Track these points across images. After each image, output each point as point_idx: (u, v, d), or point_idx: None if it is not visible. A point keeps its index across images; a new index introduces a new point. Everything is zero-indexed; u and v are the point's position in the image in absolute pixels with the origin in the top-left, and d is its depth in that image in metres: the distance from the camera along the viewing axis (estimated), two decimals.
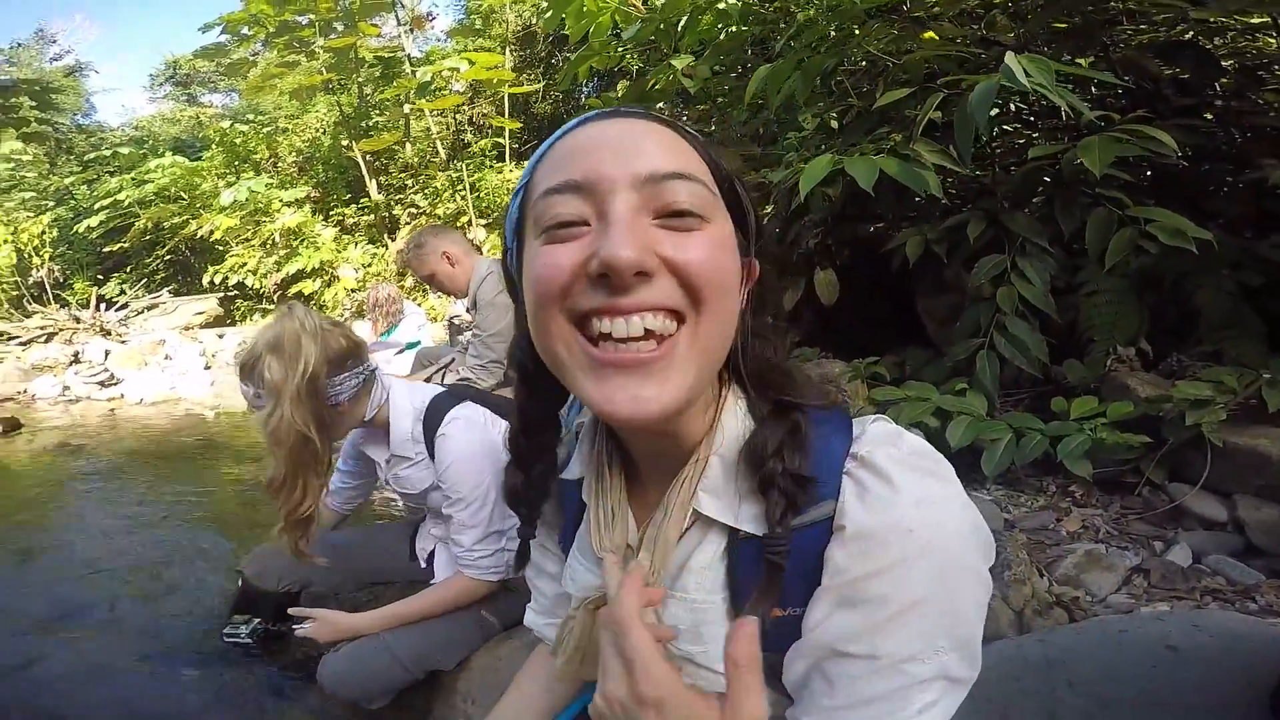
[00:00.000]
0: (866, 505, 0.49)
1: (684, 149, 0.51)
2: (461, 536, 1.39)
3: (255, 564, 1.75)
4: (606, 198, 0.47)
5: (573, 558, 0.67)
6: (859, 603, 0.48)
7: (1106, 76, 2.00)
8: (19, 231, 8.22)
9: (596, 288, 0.47)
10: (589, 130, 0.51)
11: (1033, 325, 2.00)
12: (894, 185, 2.01)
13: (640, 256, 0.45)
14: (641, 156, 0.48)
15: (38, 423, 5.16)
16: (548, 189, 0.50)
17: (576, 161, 0.49)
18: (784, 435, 0.52)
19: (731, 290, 0.50)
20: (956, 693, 0.48)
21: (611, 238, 0.45)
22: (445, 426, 1.38)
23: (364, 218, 7.25)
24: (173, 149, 9.34)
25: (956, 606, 0.47)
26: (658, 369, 0.47)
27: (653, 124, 0.52)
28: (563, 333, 0.49)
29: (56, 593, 2.27)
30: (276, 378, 1.22)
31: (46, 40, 21.74)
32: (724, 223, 0.51)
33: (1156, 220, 1.80)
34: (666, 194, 0.48)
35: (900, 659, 0.46)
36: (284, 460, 1.23)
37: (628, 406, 0.47)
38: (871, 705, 0.47)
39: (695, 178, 0.49)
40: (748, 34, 2.98)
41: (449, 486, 1.38)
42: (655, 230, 0.48)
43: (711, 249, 0.49)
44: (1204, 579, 1.39)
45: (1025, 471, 1.85)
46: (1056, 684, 0.98)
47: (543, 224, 0.50)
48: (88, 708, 1.70)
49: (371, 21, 6.94)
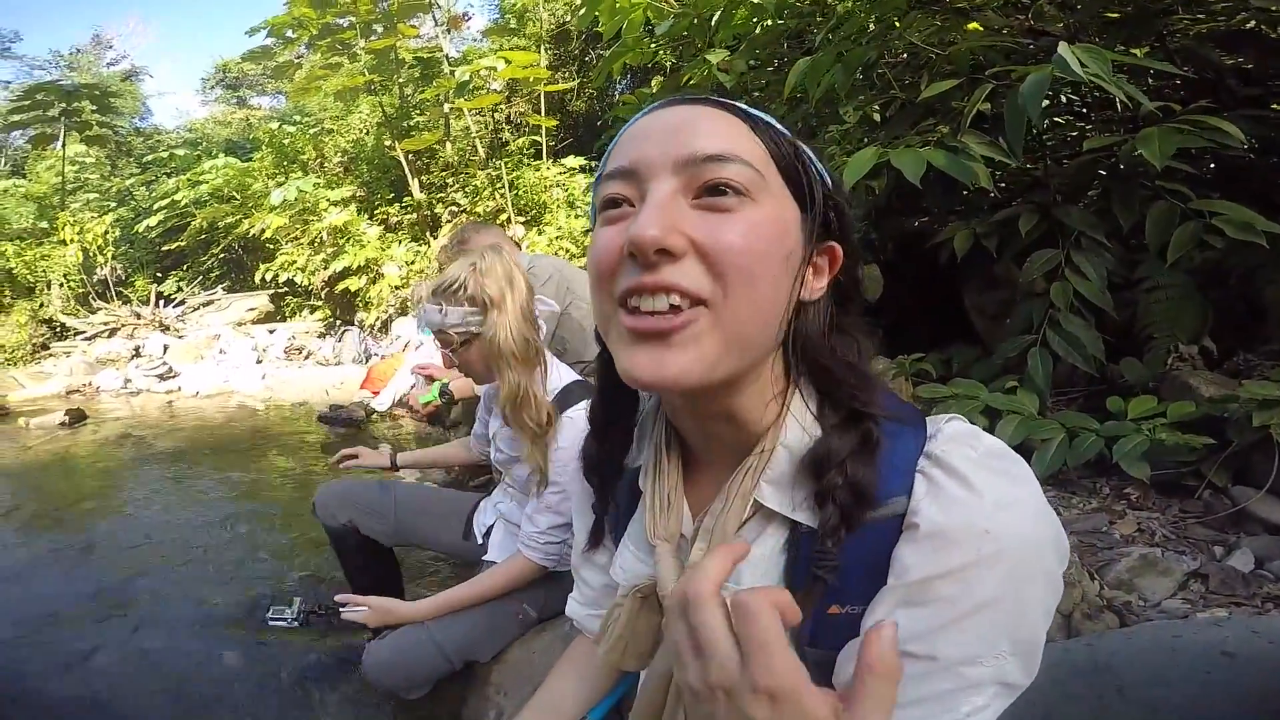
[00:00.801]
0: (941, 505, 0.48)
1: (735, 131, 0.51)
2: (539, 517, 1.42)
3: (319, 499, 1.82)
4: (648, 181, 0.50)
5: (624, 546, 0.68)
6: (926, 603, 0.47)
7: (1165, 66, 1.92)
8: (84, 231, 8.62)
9: (632, 267, 0.48)
10: (647, 118, 0.53)
11: (1088, 322, 1.94)
12: (941, 178, 1.97)
13: (662, 234, 0.46)
14: (686, 140, 0.49)
15: (102, 414, 5.42)
16: (604, 175, 0.53)
17: (629, 148, 0.52)
18: (852, 446, 0.51)
19: (766, 276, 0.49)
20: (1008, 697, 0.47)
21: (639, 218, 0.48)
22: (573, 411, 1.40)
23: (407, 216, 7.39)
24: (225, 150, 9.68)
25: (1024, 611, 0.46)
26: (678, 340, 0.48)
27: (707, 108, 0.52)
28: (607, 310, 0.51)
29: (112, 579, 2.39)
30: (495, 293, 1.35)
31: (103, 45, 22.72)
32: (776, 205, 0.50)
33: (1223, 214, 1.72)
34: (706, 174, 0.48)
35: (958, 661, 0.46)
36: (514, 371, 1.35)
37: (648, 370, 0.48)
38: (921, 705, 0.46)
39: (739, 158, 0.49)
40: (784, 27, 2.94)
41: (557, 468, 1.40)
42: (690, 212, 0.48)
43: (747, 229, 0.48)
44: (1266, 585, 1.33)
45: (1078, 473, 1.79)
46: (1105, 690, 0.94)
47: (599, 207, 0.53)
48: (136, 694, 1.78)
49: (409, 23, 7.06)
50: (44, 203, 10.05)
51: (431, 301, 1.40)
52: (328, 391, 5.55)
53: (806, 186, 0.53)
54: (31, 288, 8.49)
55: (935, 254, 2.29)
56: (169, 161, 10.03)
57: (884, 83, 2.62)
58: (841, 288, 0.56)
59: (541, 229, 6.41)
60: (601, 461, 0.69)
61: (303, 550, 2.49)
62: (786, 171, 0.52)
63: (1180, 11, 2.26)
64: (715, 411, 0.55)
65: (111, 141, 11.23)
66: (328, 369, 6.39)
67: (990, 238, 2.13)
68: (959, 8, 2.33)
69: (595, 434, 0.69)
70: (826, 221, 0.54)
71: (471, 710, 1.54)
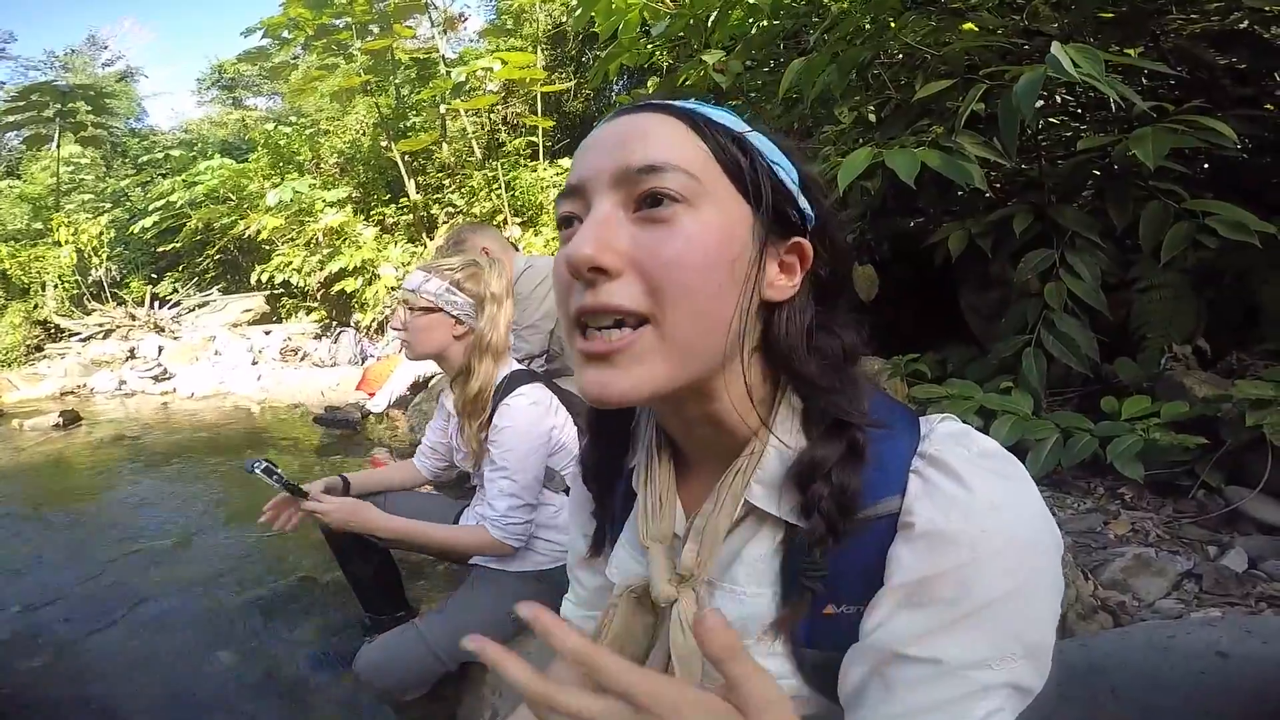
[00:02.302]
0: (937, 504, 0.47)
1: (675, 136, 0.50)
2: (497, 501, 1.45)
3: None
4: (591, 197, 0.50)
5: (619, 546, 0.67)
6: (925, 604, 0.46)
7: (1158, 66, 1.92)
8: (79, 232, 8.59)
9: (580, 287, 0.49)
10: (595, 131, 0.53)
11: (1083, 322, 1.94)
12: (935, 178, 1.97)
13: (595, 253, 0.46)
14: (625, 152, 0.49)
15: (96, 415, 5.41)
16: (560, 193, 0.53)
17: (578, 164, 0.52)
18: (837, 456, 0.50)
19: (705, 287, 0.48)
20: (1021, 701, 0.46)
21: (575, 237, 0.48)
22: (511, 397, 1.45)
23: (403, 217, 7.38)
24: (221, 151, 9.64)
25: (1028, 610, 0.45)
26: (621, 360, 0.48)
27: (649, 114, 0.51)
28: (569, 329, 0.52)
29: (106, 581, 2.38)
30: (497, 291, 1.49)
31: (98, 46, 22.63)
32: (718, 209, 0.49)
33: (1216, 213, 1.73)
34: (642, 185, 0.48)
35: (965, 664, 0.44)
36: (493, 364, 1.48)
37: (594, 390, 0.49)
38: (931, 713, 0.45)
39: (673, 166, 0.47)
40: (780, 28, 2.95)
41: (499, 452, 1.44)
42: (629, 226, 0.48)
43: (683, 242, 0.47)
44: (1260, 585, 1.34)
45: (1072, 473, 1.79)
46: (1099, 690, 0.94)
47: (558, 224, 0.54)
48: (130, 695, 1.77)
49: (406, 23, 7.05)
50: (38, 204, 10.00)
51: (421, 268, 1.48)
52: (323, 393, 5.54)
53: (752, 183, 0.50)
54: (26, 289, 8.46)
55: (930, 254, 2.29)
56: (164, 162, 10.01)
57: (879, 83, 2.62)
58: (822, 283, 0.55)
59: (538, 230, 6.41)
60: (600, 467, 0.68)
61: (298, 551, 2.48)
62: (730, 169, 0.50)
63: (1174, 11, 2.27)
64: (696, 417, 0.54)
65: (107, 142, 11.19)
66: (323, 370, 6.37)
67: (985, 238, 2.13)
68: (954, 8, 2.33)
69: (592, 440, 0.69)
70: (785, 217, 0.52)
71: (467, 710, 1.54)
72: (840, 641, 0.51)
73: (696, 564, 0.55)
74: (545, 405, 1.48)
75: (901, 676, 0.46)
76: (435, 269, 1.49)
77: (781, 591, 0.54)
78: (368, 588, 1.89)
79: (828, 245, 0.54)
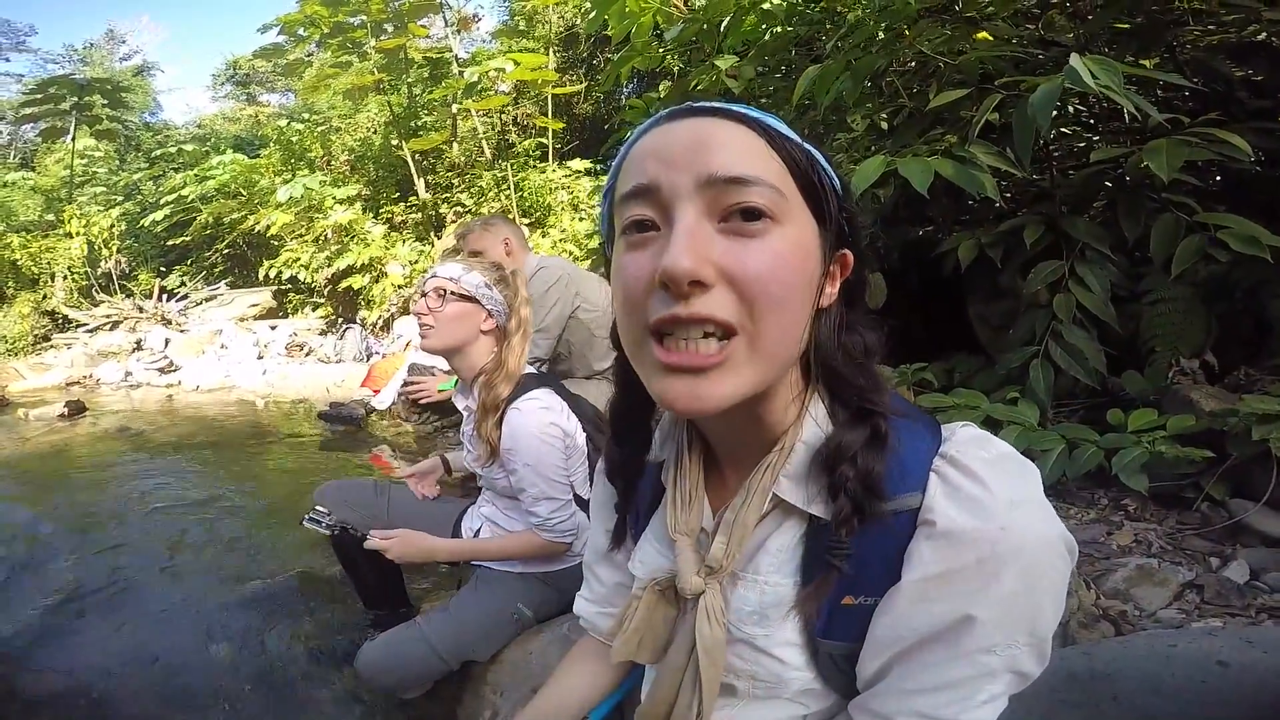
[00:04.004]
0: (957, 503, 0.50)
1: (755, 148, 0.50)
2: (537, 507, 1.44)
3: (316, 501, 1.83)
4: (672, 203, 0.49)
5: (644, 540, 0.69)
6: (945, 598, 0.48)
7: (1174, 78, 1.92)
8: (90, 225, 8.65)
9: (663, 296, 0.49)
10: (662, 132, 0.52)
11: (1091, 334, 1.93)
12: (947, 188, 1.97)
13: (695, 267, 0.46)
14: (707, 158, 0.49)
15: (101, 407, 5.43)
16: (624, 194, 0.52)
17: (648, 166, 0.51)
18: (863, 440, 0.53)
19: (793, 299, 0.50)
20: (1020, 685, 0.50)
21: (670, 248, 0.47)
22: (522, 401, 1.44)
23: (412, 216, 7.41)
24: (233, 147, 9.70)
25: (1038, 604, 0.48)
26: (714, 374, 0.49)
27: (723, 121, 0.51)
28: (637, 335, 0.52)
29: (107, 575, 2.38)
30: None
31: (116, 40, 22.85)
32: (797, 224, 0.50)
33: (1228, 227, 1.72)
34: (730, 197, 0.48)
35: (975, 650, 0.48)
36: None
37: (684, 402, 0.49)
38: (942, 692, 0.49)
39: (761, 180, 0.49)
40: (793, 34, 2.95)
41: (518, 462, 1.42)
42: (717, 238, 0.48)
43: (773, 258, 0.48)
44: (1261, 596, 1.34)
45: (1077, 484, 1.79)
46: (1100, 698, 0.95)
47: (622, 227, 0.52)
48: (131, 691, 1.77)
49: (420, 23, 7.10)
50: (51, 195, 10.10)
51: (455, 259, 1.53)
52: (328, 389, 5.55)
53: (824, 201, 0.53)
54: (35, 279, 8.52)
55: (940, 263, 2.29)
56: (177, 157, 10.08)
57: (892, 91, 2.63)
58: (849, 288, 0.57)
59: (546, 231, 6.43)
60: (625, 463, 0.70)
61: (301, 547, 2.48)
62: (805, 187, 0.52)
63: (1191, 23, 2.26)
64: (742, 418, 0.56)
65: (121, 136, 11.30)
66: (329, 366, 6.39)
67: (995, 248, 2.13)
68: (969, 17, 2.33)
69: (616, 436, 0.70)
70: (840, 230, 0.55)
71: (467, 710, 1.53)
72: (856, 633, 0.53)
73: (725, 557, 0.57)
74: (556, 410, 1.48)
75: (922, 659, 0.50)
76: (474, 266, 1.52)
77: (803, 580, 0.56)
78: (369, 585, 1.90)
79: (858, 253, 0.57)
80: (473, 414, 1.52)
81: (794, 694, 0.58)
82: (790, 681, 0.57)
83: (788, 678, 0.57)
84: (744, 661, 0.58)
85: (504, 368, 1.47)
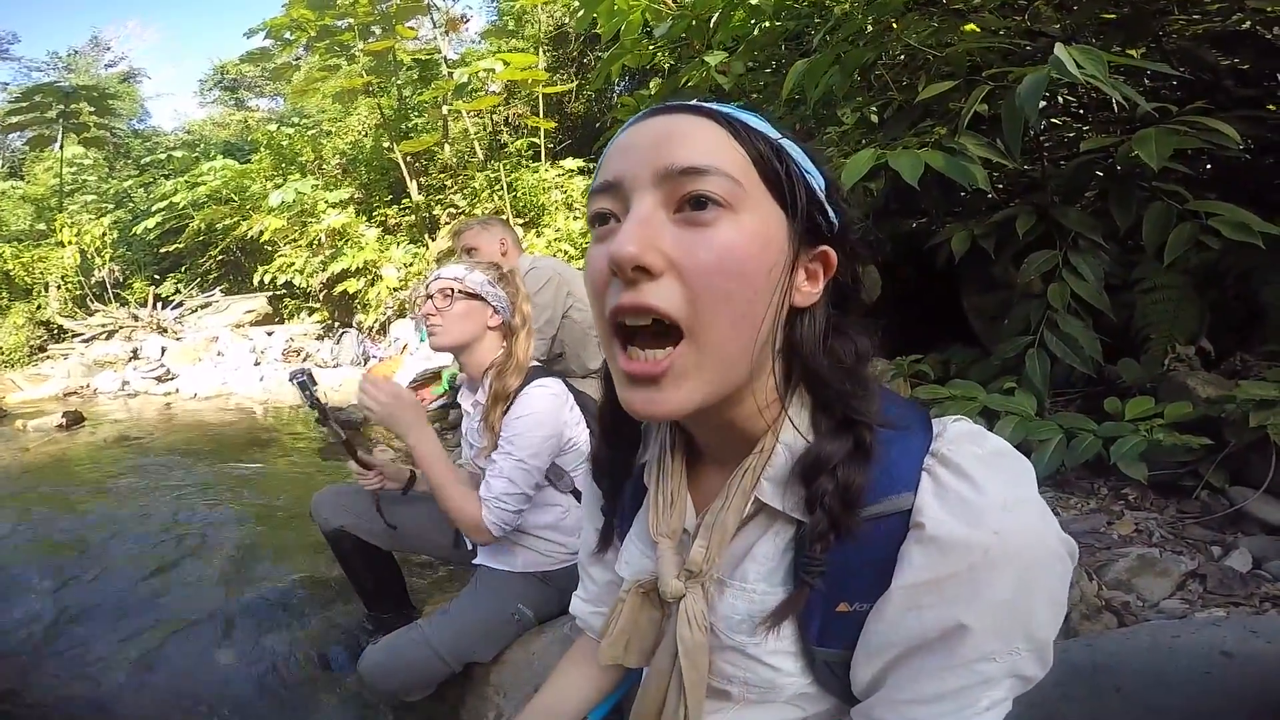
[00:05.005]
0: (948, 505, 0.48)
1: (716, 139, 0.50)
2: (495, 481, 1.44)
3: (315, 504, 1.83)
4: (630, 195, 0.50)
5: (629, 541, 0.68)
6: (938, 604, 0.47)
7: (1161, 67, 1.92)
8: (82, 233, 8.61)
9: (617, 284, 0.49)
10: (631, 129, 0.53)
11: (1086, 323, 1.94)
12: (939, 180, 1.97)
13: (639, 251, 0.47)
14: (665, 152, 0.49)
15: (99, 416, 5.41)
16: (591, 189, 0.53)
17: (614, 161, 0.51)
18: (845, 452, 0.51)
19: (743, 294, 0.48)
20: (1022, 689, 0.49)
21: (618, 235, 0.48)
22: (532, 387, 1.47)
23: (405, 218, 7.40)
24: (223, 152, 9.68)
25: (1036, 608, 0.47)
26: (666, 381, 0.49)
27: (687, 116, 0.51)
28: (605, 330, 0.52)
29: (109, 581, 2.38)
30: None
31: (102, 47, 22.66)
32: (757, 214, 0.49)
33: (1220, 214, 1.73)
34: (685, 187, 0.48)
35: (972, 658, 0.47)
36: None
37: (641, 407, 0.50)
38: (943, 701, 0.48)
39: (717, 169, 0.48)
40: (782, 29, 2.95)
41: (511, 434, 1.44)
42: (670, 227, 0.48)
43: (722, 247, 0.47)
44: (1264, 585, 1.34)
45: (1076, 473, 1.80)
46: (1104, 690, 0.95)
47: (589, 222, 0.54)
48: (133, 694, 1.77)
49: (408, 25, 7.07)
50: (42, 204, 10.04)
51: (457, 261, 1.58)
52: (326, 394, 5.53)
53: (789, 191, 0.51)
54: (29, 290, 8.47)
55: (933, 255, 2.29)
56: (167, 163, 10.04)
57: (881, 84, 2.63)
58: (839, 289, 0.56)
59: (540, 230, 6.41)
60: (612, 464, 0.69)
61: (301, 551, 2.48)
62: (768, 177, 0.50)
63: (1176, 12, 2.27)
64: (719, 418, 0.55)
65: (109, 143, 11.22)
66: (326, 371, 6.38)
67: (988, 239, 2.13)
68: (956, 9, 2.33)
69: (604, 437, 0.69)
70: (815, 225, 0.52)
71: (470, 711, 1.53)
72: (851, 639, 0.52)
73: (705, 560, 0.56)
74: (563, 399, 1.50)
75: (917, 667, 0.48)
76: (477, 266, 1.56)
77: (794, 589, 0.54)
78: (370, 588, 1.90)
79: (848, 252, 0.55)
80: (480, 407, 1.54)
81: (789, 698, 0.58)
82: (784, 687, 0.57)
83: (781, 684, 0.56)
84: (736, 668, 0.58)
85: (514, 359, 1.51)
